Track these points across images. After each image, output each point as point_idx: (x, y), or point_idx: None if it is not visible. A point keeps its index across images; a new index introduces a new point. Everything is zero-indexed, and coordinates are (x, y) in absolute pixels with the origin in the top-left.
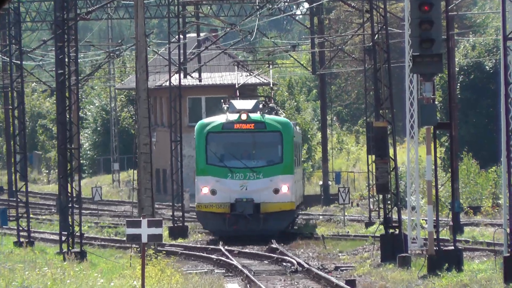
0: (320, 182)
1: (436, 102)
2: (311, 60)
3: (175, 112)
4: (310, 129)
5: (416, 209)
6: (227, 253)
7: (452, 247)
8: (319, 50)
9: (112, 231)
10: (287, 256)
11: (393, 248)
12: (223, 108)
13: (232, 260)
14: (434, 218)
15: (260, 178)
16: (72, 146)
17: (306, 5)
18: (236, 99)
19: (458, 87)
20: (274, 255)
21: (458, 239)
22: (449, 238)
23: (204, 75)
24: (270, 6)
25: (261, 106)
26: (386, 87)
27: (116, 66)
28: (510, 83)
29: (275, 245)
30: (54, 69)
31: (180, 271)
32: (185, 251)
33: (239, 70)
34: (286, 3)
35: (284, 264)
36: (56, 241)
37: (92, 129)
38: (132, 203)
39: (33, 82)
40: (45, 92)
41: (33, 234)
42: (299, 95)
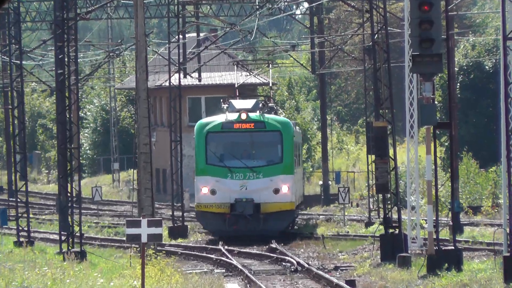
0: (320, 182)
1: (436, 102)
2: (311, 60)
3: (175, 112)
4: (310, 129)
5: (416, 209)
6: (227, 253)
7: (452, 247)
8: (319, 50)
9: (112, 231)
10: (287, 256)
11: (393, 248)
12: (223, 107)
13: (232, 260)
14: (434, 218)
15: (260, 178)
16: (72, 146)
17: (305, 4)
18: (235, 98)
19: (458, 87)
20: (274, 255)
21: (458, 239)
22: (449, 238)
23: (203, 75)
24: (270, 6)
25: (260, 105)
26: (386, 87)
27: (116, 66)
28: (510, 83)
29: (275, 245)
30: (54, 68)
31: (180, 271)
32: (185, 251)
33: (238, 69)
34: (286, 3)
35: (284, 264)
36: (56, 241)
37: (92, 129)
38: (132, 203)
39: (33, 82)
40: (45, 92)
41: (33, 234)
42: (299, 95)
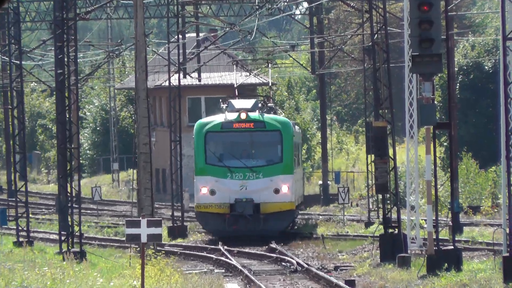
0: (320, 182)
1: (435, 102)
2: (311, 60)
3: (174, 112)
4: (309, 129)
5: (415, 209)
6: (226, 253)
7: (452, 247)
8: (318, 50)
9: (111, 231)
10: (287, 256)
11: (392, 248)
12: (222, 107)
13: (231, 260)
14: (434, 218)
15: (260, 178)
16: (72, 146)
17: (305, 5)
18: (235, 98)
19: (458, 87)
20: (274, 255)
21: (457, 239)
22: (448, 238)
23: (203, 75)
24: (270, 6)
25: (260, 105)
26: (386, 87)
27: (116, 66)
28: (509, 83)
29: (274, 245)
30: (54, 69)
31: (180, 271)
32: (184, 251)
33: (238, 69)
34: (285, 3)
35: (283, 264)
36: (56, 241)
37: (92, 128)
38: (131, 203)
39: (32, 82)
40: (44, 92)
41: (32, 234)
42: (299, 95)
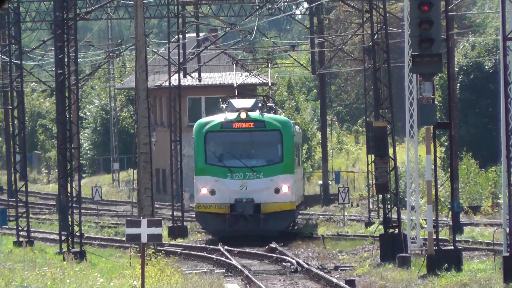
0: (320, 182)
1: (435, 102)
2: (311, 60)
3: (174, 112)
4: (309, 129)
5: (415, 209)
6: (226, 253)
7: (452, 247)
8: (318, 50)
9: (112, 231)
10: (287, 256)
11: (392, 248)
12: (222, 107)
13: (231, 260)
14: (434, 218)
15: (260, 177)
16: (72, 146)
17: (305, 5)
18: (235, 98)
19: (458, 87)
20: (274, 255)
21: (457, 239)
22: (448, 238)
23: (203, 75)
24: (270, 6)
25: (260, 105)
26: (386, 87)
27: (116, 66)
28: (509, 83)
29: (274, 245)
30: (54, 69)
31: (180, 271)
32: (184, 251)
33: (238, 69)
34: (285, 3)
35: (283, 264)
36: (56, 241)
37: (92, 129)
38: (132, 203)
39: (32, 82)
40: (44, 92)
41: (32, 234)
42: (299, 95)
